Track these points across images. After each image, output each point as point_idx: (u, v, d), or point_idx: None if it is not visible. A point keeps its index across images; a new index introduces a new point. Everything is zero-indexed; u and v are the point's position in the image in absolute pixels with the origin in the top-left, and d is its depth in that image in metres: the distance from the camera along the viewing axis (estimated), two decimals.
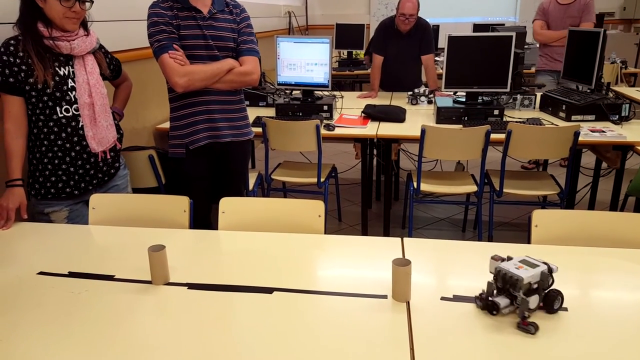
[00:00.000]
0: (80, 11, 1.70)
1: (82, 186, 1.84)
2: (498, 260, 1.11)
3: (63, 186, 1.80)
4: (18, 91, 1.68)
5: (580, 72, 3.02)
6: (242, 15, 2.15)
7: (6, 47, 1.66)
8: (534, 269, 1.06)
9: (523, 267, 1.07)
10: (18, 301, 1.19)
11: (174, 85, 2.00)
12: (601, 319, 1.05)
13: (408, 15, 3.54)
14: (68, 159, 1.79)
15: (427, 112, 3.24)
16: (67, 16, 1.67)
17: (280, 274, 1.30)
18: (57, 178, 1.79)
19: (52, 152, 1.77)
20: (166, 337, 1.05)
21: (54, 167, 1.78)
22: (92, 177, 1.86)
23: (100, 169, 1.87)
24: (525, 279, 1.03)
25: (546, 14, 4.02)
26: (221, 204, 1.68)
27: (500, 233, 3.32)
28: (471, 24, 5.67)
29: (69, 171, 1.80)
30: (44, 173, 1.78)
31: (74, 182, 1.82)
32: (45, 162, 1.77)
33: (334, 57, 5.90)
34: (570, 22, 3.87)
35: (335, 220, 3.56)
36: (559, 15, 3.93)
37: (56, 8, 1.65)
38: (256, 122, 2.92)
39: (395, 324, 1.07)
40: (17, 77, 1.66)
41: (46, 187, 1.79)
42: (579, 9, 3.86)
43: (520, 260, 1.10)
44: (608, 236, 1.50)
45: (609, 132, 2.60)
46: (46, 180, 1.78)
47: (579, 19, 3.87)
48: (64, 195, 1.81)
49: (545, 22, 4.03)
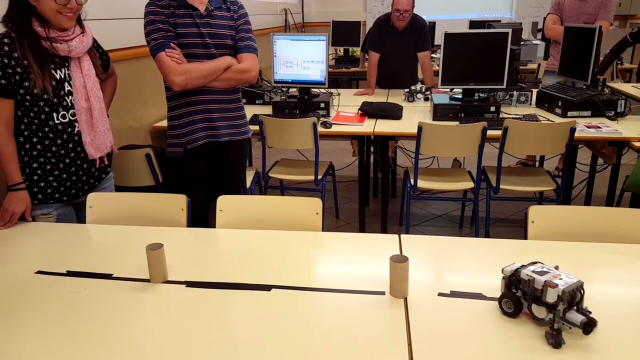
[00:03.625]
0: (76, 7, 1.61)
1: (72, 192, 1.77)
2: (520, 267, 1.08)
3: (52, 192, 1.73)
4: (9, 93, 1.59)
5: (576, 68, 3.03)
6: (239, 12, 2.14)
7: (0, 46, 1.55)
8: (569, 279, 1.01)
9: (558, 276, 1.02)
10: (16, 300, 1.19)
11: (171, 84, 2.00)
12: (597, 314, 1.06)
13: (402, 11, 3.53)
14: (62, 165, 1.72)
15: (423, 109, 3.24)
16: (61, 12, 1.58)
17: (278, 271, 1.30)
18: (47, 184, 1.71)
19: (45, 158, 1.69)
20: (165, 335, 1.05)
21: (44, 173, 1.70)
22: (84, 183, 1.80)
23: (92, 174, 1.82)
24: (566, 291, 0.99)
25: (561, 8, 3.78)
26: (219, 202, 1.68)
27: (497, 229, 3.33)
28: (467, 20, 5.69)
29: (61, 178, 1.73)
30: (31, 178, 1.70)
31: (64, 189, 1.75)
32: (35, 167, 1.69)
33: (331, 55, 5.90)
34: (584, 19, 3.64)
35: (333, 217, 3.56)
36: (574, 11, 3.70)
37: (50, 5, 1.55)
38: (253, 120, 2.91)
39: (393, 320, 1.08)
40: (9, 80, 1.57)
41: (33, 192, 1.70)
42: (595, 6, 3.61)
43: (539, 268, 1.06)
44: (604, 231, 1.51)
45: (604, 128, 2.61)
46: (33, 185, 1.70)
47: (595, 16, 3.62)
48: (51, 201, 1.74)
49: (559, 17, 3.81)
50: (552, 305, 1.00)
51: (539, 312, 1.03)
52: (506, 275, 1.09)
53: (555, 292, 0.98)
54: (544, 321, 1.03)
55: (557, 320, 0.99)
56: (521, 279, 1.05)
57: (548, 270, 1.05)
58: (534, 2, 7.27)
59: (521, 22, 6.29)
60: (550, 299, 1.00)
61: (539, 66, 5.08)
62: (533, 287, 1.03)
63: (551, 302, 1.00)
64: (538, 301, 1.03)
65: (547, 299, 1.00)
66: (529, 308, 1.05)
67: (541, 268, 1.06)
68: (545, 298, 1.00)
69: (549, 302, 1.00)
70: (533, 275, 1.03)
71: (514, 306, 1.07)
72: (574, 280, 1.01)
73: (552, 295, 0.99)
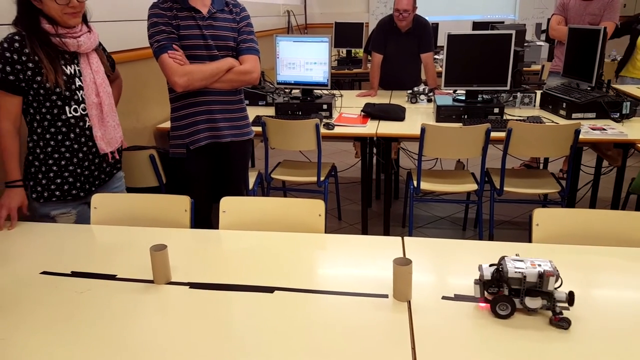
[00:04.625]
0: (78, 5, 1.66)
1: (87, 187, 1.82)
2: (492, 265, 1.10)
3: (69, 188, 1.78)
4: (18, 90, 1.64)
5: (580, 69, 3.02)
6: (242, 15, 2.14)
7: (10, 43, 1.60)
8: (540, 266, 1.06)
9: (535, 264, 1.07)
10: (21, 301, 1.19)
11: (174, 85, 2.00)
12: (603, 318, 1.05)
13: (402, 11, 3.53)
14: (75, 160, 1.76)
15: (426, 111, 3.24)
16: (66, 12, 1.63)
17: (281, 273, 1.30)
18: (63, 180, 1.76)
19: (59, 153, 1.74)
20: (168, 336, 1.05)
21: (59, 169, 1.75)
22: (96, 178, 1.85)
23: (104, 169, 1.87)
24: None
25: (566, 9, 3.73)
26: (222, 204, 1.68)
27: (501, 232, 3.32)
28: (470, 22, 5.67)
29: (76, 172, 1.78)
30: (47, 175, 1.74)
31: (80, 184, 1.80)
32: (50, 163, 1.74)
33: (333, 56, 5.90)
34: (589, 20, 3.59)
35: (335, 219, 3.56)
36: (579, 12, 3.65)
37: (53, 6, 1.61)
38: (256, 121, 2.91)
39: (397, 324, 1.07)
40: (18, 76, 1.62)
41: (50, 190, 1.75)
42: (601, 7, 3.56)
43: (518, 259, 1.10)
44: (610, 235, 1.50)
45: (609, 130, 2.60)
46: (50, 183, 1.75)
47: (600, 17, 3.57)
48: (69, 197, 1.79)
49: (564, 18, 3.76)
50: (548, 293, 1.04)
51: (533, 303, 1.06)
52: (486, 280, 1.10)
53: (554, 279, 1.03)
54: (537, 311, 1.07)
55: (555, 304, 1.04)
56: (510, 277, 1.07)
57: (520, 260, 1.09)
58: (538, 3, 7.25)
59: (524, 23, 6.29)
60: (551, 287, 1.04)
61: (542, 67, 5.07)
62: (527, 282, 1.06)
63: (551, 290, 1.04)
64: (532, 293, 1.06)
65: (548, 287, 1.04)
66: (522, 303, 1.07)
67: (515, 262, 1.09)
68: (547, 287, 1.04)
69: (548, 291, 1.04)
70: (523, 270, 1.06)
71: (510, 307, 1.08)
72: (546, 261, 1.06)
73: (552, 283, 1.04)
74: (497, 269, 1.09)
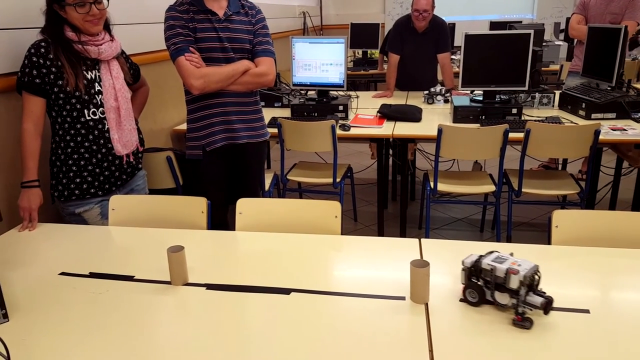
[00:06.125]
0: (98, 13, 1.74)
1: (106, 187, 1.88)
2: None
3: (87, 187, 1.84)
4: (42, 92, 1.72)
5: (600, 69, 2.97)
6: (257, 17, 2.15)
7: (37, 48, 1.70)
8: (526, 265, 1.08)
9: (516, 263, 1.08)
10: (40, 301, 1.21)
11: (190, 87, 2.02)
12: (623, 321, 1.03)
13: (422, 11, 3.52)
14: (94, 160, 1.83)
15: (443, 111, 3.22)
16: (87, 20, 1.72)
17: (297, 274, 1.30)
18: (82, 179, 1.82)
19: (78, 154, 1.80)
20: (185, 337, 1.05)
21: (79, 169, 1.81)
22: (117, 179, 1.90)
23: (125, 170, 1.93)
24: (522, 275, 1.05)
25: (586, 8, 3.65)
26: (238, 205, 1.69)
27: (519, 233, 3.28)
28: (488, 21, 5.62)
29: (94, 172, 1.84)
30: (68, 175, 1.81)
31: (98, 183, 1.86)
32: (70, 163, 1.81)
33: (349, 57, 5.89)
34: (610, 19, 3.50)
35: (351, 220, 3.55)
36: (600, 11, 3.56)
37: (75, 15, 1.71)
38: (272, 122, 2.92)
39: (414, 326, 1.07)
40: (43, 79, 1.71)
41: (70, 189, 1.82)
42: (622, 6, 3.46)
43: (497, 257, 1.12)
44: (630, 237, 1.47)
45: (630, 130, 2.55)
46: (70, 182, 1.82)
47: (622, 16, 3.47)
48: (88, 196, 1.85)
49: (584, 17, 3.69)
50: (515, 291, 1.06)
51: (502, 298, 1.08)
52: (466, 267, 1.13)
53: (517, 278, 1.04)
54: (507, 307, 1.08)
55: (520, 304, 1.05)
56: (482, 268, 1.10)
57: (506, 258, 1.11)
58: (556, 2, 7.15)
59: (543, 23, 6.20)
60: (513, 285, 1.05)
61: (561, 67, 4.99)
62: (495, 275, 1.08)
63: (515, 288, 1.05)
64: (501, 288, 1.08)
65: (510, 285, 1.06)
66: (492, 296, 1.09)
67: (499, 256, 1.12)
68: (509, 284, 1.06)
69: (512, 288, 1.06)
70: (494, 264, 1.09)
71: (478, 295, 1.11)
72: (531, 265, 1.07)
73: (515, 281, 1.05)
74: (478, 259, 1.12)
